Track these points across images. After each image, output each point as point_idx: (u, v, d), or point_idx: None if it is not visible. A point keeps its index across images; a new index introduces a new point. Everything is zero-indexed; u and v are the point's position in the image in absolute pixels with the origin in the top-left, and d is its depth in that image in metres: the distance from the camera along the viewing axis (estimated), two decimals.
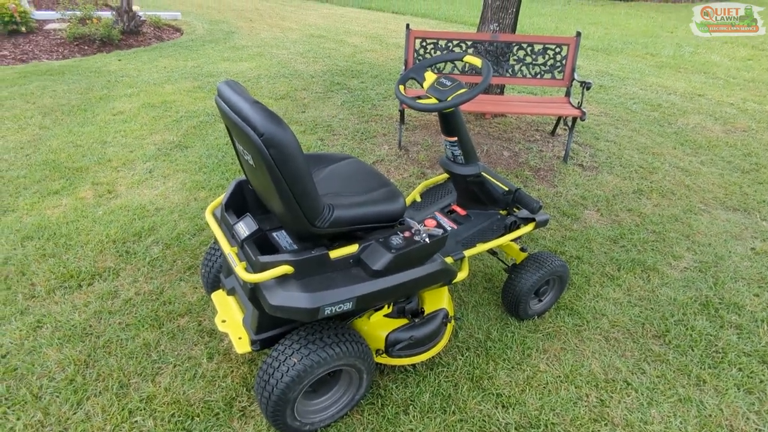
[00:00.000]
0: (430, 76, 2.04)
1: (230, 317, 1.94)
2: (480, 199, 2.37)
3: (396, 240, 1.72)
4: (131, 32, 7.18)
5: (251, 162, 1.56)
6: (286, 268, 1.56)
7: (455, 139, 2.09)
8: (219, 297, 2.05)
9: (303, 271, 1.59)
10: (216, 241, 2.20)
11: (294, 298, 1.55)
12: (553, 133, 4.67)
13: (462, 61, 2.04)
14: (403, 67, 4.24)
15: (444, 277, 1.89)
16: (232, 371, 2.06)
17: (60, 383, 1.97)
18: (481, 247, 2.21)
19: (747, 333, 2.36)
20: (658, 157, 4.26)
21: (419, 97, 1.98)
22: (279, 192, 1.48)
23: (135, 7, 7.28)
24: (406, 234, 1.76)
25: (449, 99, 1.89)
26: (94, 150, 3.86)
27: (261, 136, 1.38)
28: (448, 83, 1.94)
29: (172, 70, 5.95)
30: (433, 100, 1.95)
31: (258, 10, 10.99)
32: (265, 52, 7.07)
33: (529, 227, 2.30)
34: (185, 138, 4.17)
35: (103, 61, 6.20)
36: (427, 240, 1.73)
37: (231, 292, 1.99)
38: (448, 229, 2.29)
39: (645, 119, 5.21)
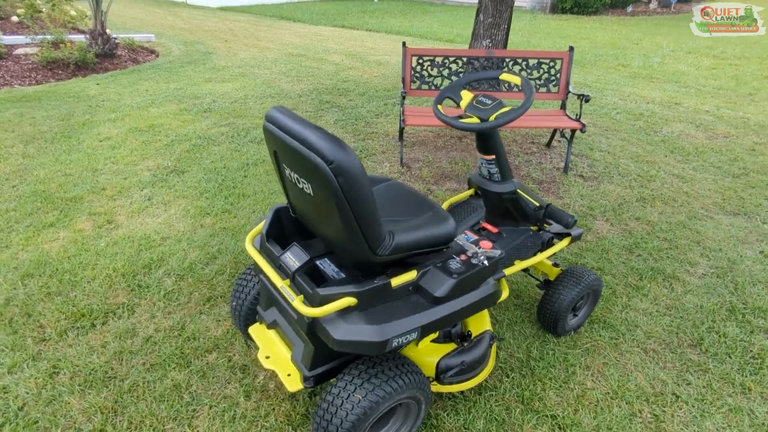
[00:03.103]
0: (466, 95, 2.02)
1: (274, 353, 1.84)
2: (511, 216, 2.34)
3: (454, 264, 1.67)
4: (106, 55, 6.95)
5: (308, 190, 1.49)
6: (349, 300, 1.48)
7: (492, 157, 2.07)
8: (258, 331, 1.94)
9: (366, 301, 1.52)
10: (251, 272, 2.10)
11: (360, 332, 1.47)
12: (548, 145, 4.74)
13: (498, 78, 2.03)
14: (402, 84, 4.23)
15: (494, 298, 1.85)
16: (274, 409, 1.94)
17: None
18: (520, 265, 2.17)
19: None
20: (652, 165, 4.37)
21: (460, 117, 1.95)
22: (343, 221, 1.41)
23: (107, 30, 7.06)
24: (463, 257, 1.71)
25: (493, 118, 1.87)
26: (85, 178, 3.67)
27: (330, 164, 1.31)
28: (489, 102, 1.92)
29: (154, 93, 5.77)
30: (474, 119, 1.92)
31: (231, 30, 10.87)
32: (247, 72, 6.96)
33: (565, 242, 2.28)
34: (180, 162, 4.02)
35: (81, 85, 5.96)
36: (485, 263, 1.68)
37: (272, 325, 1.88)
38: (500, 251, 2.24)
39: (631, 128, 5.35)
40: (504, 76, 2.00)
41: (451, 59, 4.31)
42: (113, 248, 2.88)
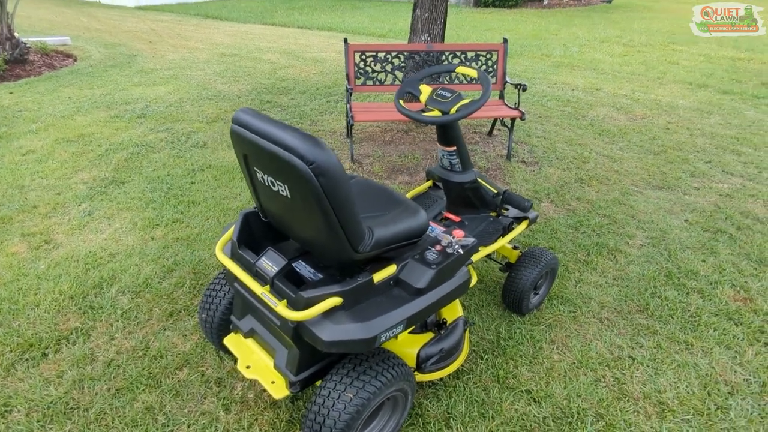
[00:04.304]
0: (425, 89, 2.06)
1: (255, 361, 1.80)
2: (472, 204, 2.43)
3: (431, 255, 1.71)
4: (17, 61, 6.37)
5: (284, 192, 1.47)
6: (335, 300, 1.48)
7: (454, 148, 2.13)
8: (234, 341, 1.89)
9: (351, 300, 1.53)
10: (217, 281, 2.03)
11: (348, 331, 1.48)
12: (489, 133, 4.93)
13: (455, 72, 2.09)
14: (347, 80, 4.23)
15: (468, 285, 1.92)
16: (257, 419, 1.91)
17: None
18: (485, 251, 2.27)
19: (708, 295, 2.67)
20: (585, 148, 4.67)
21: (422, 111, 1.99)
22: (325, 221, 1.41)
23: (16, 34, 6.46)
24: (438, 248, 1.76)
25: (454, 110, 1.93)
26: (11, 197, 3.36)
27: (311, 164, 1.30)
28: (448, 95, 1.98)
29: (79, 100, 5.37)
30: (436, 113, 1.97)
31: (154, 30, 10.30)
32: (179, 75, 6.65)
33: (523, 226, 2.40)
34: (118, 173, 3.79)
35: None
36: (460, 251, 1.74)
37: (250, 334, 1.84)
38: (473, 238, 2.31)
39: (561, 114, 5.68)
40: (460, 69, 2.07)
41: (393, 54, 4.36)
42: (56, 270, 2.68)
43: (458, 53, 4.41)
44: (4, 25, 6.15)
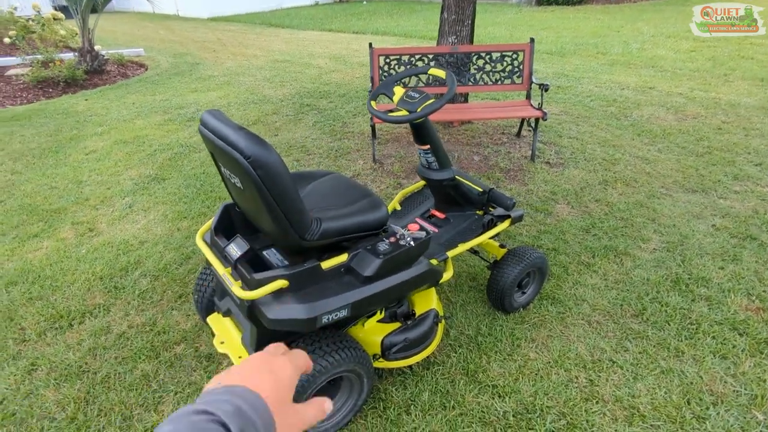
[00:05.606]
0: (398, 91, 2.16)
1: (228, 338, 1.99)
2: (457, 202, 2.48)
3: (383, 246, 1.81)
4: (95, 71, 7.17)
5: (239, 184, 1.64)
6: (281, 283, 1.63)
7: (428, 147, 2.21)
8: (215, 320, 2.10)
9: (298, 283, 1.67)
10: (207, 266, 2.25)
11: (291, 310, 1.62)
12: (518, 134, 4.87)
13: (427, 74, 2.17)
14: (371, 84, 4.38)
15: (431, 278, 1.99)
16: None
17: (61, 423, 1.97)
18: (463, 247, 2.31)
19: (716, 303, 2.52)
20: (618, 149, 4.48)
21: (391, 111, 2.09)
22: (268, 210, 1.56)
23: (97, 47, 7.27)
24: (392, 239, 1.85)
25: (419, 110, 2.01)
26: (70, 190, 3.85)
27: (248, 158, 1.46)
28: (416, 95, 2.06)
29: (141, 105, 5.97)
30: (403, 112, 2.06)
31: (220, 40, 11.07)
32: (232, 81, 7.14)
33: (506, 224, 2.42)
34: (161, 170, 4.20)
35: (69, 102, 6.17)
36: (411, 243, 1.82)
37: (227, 313, 2.03)
38: (431, 232, 2.39)
39: (602, 114, 5.46)
40: (432, 71, 2.14)
41: (417, 57, 4.45)
42: (93, 254, 3.05)
43: (483, 54, 4.42)
44: (86, 39, 6.96)
